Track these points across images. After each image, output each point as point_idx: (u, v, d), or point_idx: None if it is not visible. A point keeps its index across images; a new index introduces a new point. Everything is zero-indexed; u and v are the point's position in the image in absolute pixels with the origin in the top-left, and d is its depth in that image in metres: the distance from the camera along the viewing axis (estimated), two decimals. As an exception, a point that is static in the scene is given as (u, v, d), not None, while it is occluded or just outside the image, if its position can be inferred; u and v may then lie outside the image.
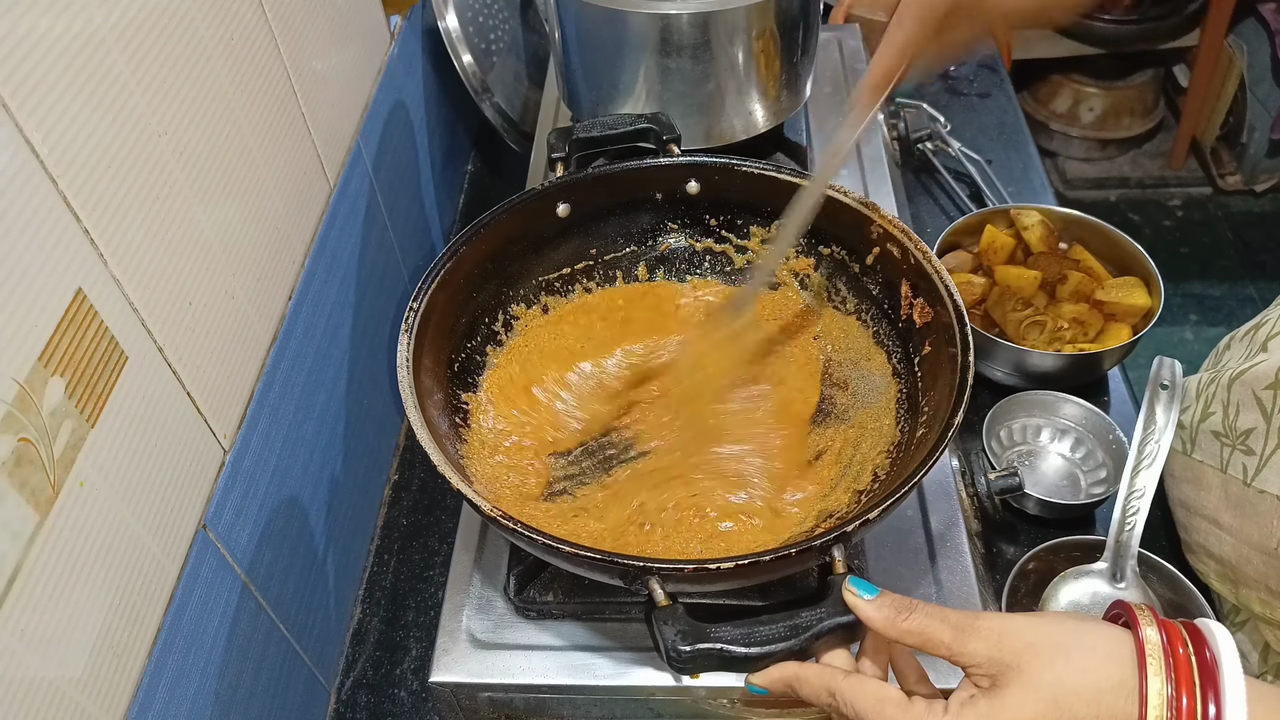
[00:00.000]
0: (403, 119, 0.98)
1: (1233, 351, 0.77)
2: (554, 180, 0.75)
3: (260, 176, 0.66)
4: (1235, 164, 2.52)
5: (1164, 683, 0.41)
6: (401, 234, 0.96)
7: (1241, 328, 0.78)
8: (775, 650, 0.48)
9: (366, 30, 0.89)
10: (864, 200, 0.71)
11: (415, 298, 0.65)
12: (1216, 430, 0.71)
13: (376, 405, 0.88)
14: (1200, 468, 0.73)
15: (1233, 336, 0.79)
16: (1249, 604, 0.69)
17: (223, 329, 0.61)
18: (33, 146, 0.43)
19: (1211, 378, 0.74)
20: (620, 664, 0.63)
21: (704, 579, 0.52)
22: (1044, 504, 0.80)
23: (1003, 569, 0.76)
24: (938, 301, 0.66)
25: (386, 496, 0.91)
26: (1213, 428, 0.72)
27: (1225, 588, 0.72)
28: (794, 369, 0.74)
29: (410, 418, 0.59)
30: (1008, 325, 0.89)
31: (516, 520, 0.53)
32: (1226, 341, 0.80)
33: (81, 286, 0.47)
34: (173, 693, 0.54)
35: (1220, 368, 0.75)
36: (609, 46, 0.85)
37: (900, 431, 0.67)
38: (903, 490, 0.53)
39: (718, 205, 0.78)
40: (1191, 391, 0.76)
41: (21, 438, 0.42)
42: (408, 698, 0.77)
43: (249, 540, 0.63)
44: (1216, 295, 2.30)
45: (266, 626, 0.66)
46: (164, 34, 0.54)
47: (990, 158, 1.15)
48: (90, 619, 0.47)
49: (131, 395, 0.51)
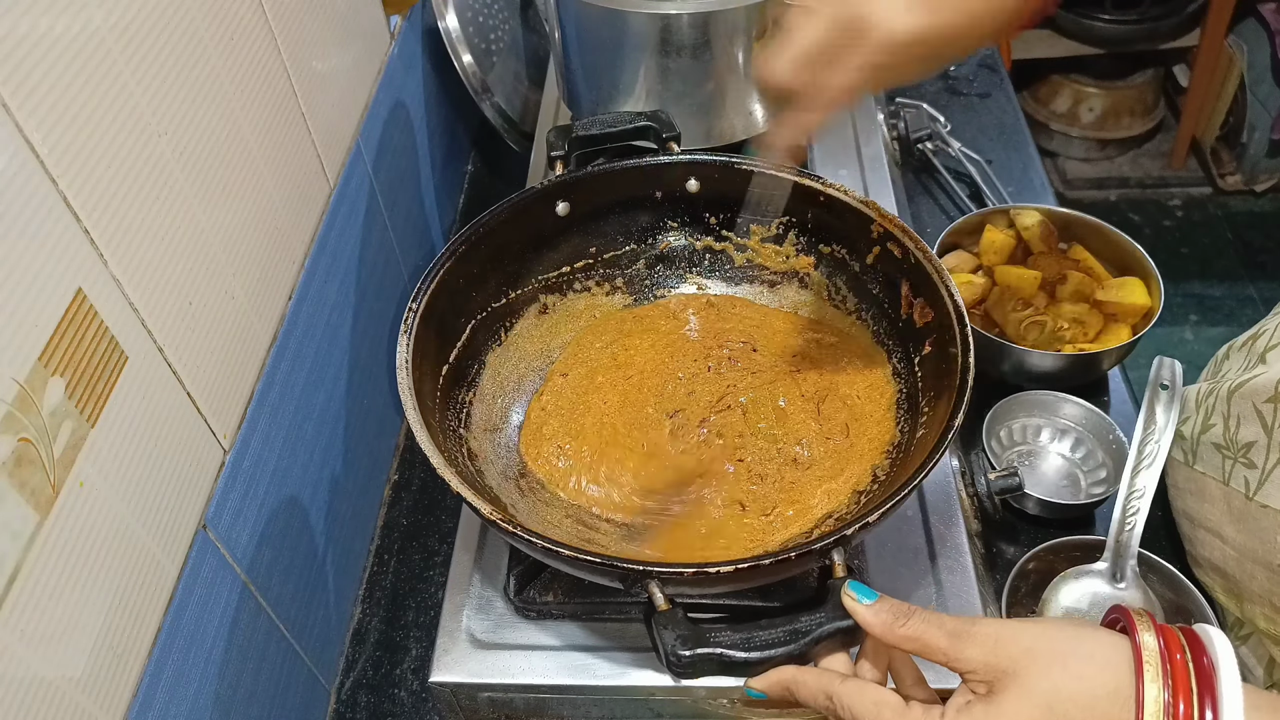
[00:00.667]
0: (403, 119, 0.98)
1: (1231, 361, 0.76)
2: (553, 179, 0.75)
3: (260, 176, 0.66)
4: (1235, 164, 2.52)
5: (1161, 689, 0.41)
6: (401, 234, 0.96)
7: (1239, 337, 0.77)
8: (774, 655, 0.48)
9: (366, 30, 0.89)
10: (864, 200, 0.71)
11: (414, 298, 0.65)
12: (1217, 442, 0.71)
13: (376, 405, 0.88)
14: (1202, 479, 0.72)
15: (1231, 345, 0.78)
16: (1253, 619, 0.69)
17: (223, 329, 0.61)
18: (33, 146, 0.43)
19: (1211, 388, 0.73)
20: (620, 664, 0.63)
21: (703, 582, 0.52)
22: (1044, 504, 0.80)
23: (1003, 569, 0.76)
24: (938, 301, 0.66)
25: (386, 496, 0.91)
26: (1213, 440, 0.71)
27: (1230, 602, 0.71)
28: None
29: (410, 419, 0.59)
30: (1008, 325, 0.89)
31: (516, 524, 0.53)
32: (1225, 351, 0.79)
33: (81, 286, 0.47)
34: (173, 693, 0.54)
35: (1219, 378, 0.74)
36: (609, 46, 0.85)
37: (900, 432, 0.67)
38: (903, 492, 0.53)
39: (717, 203, 0.78)
40: (1191, 402, 0.76)
41: (21, 438, 0.42)
42: (408, 698, 0.77)
43: (249, 540, 0.63)
44: (1216, 295, 2.30)
45: (266, 626, 0.65)
46: (164, 34, 0.54)
47: (990, 158, 1.15)
48: (90, 619, 0.47)
49: (131, 395, 0.51)
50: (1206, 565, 0.73)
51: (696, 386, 0.73)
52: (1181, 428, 0.75)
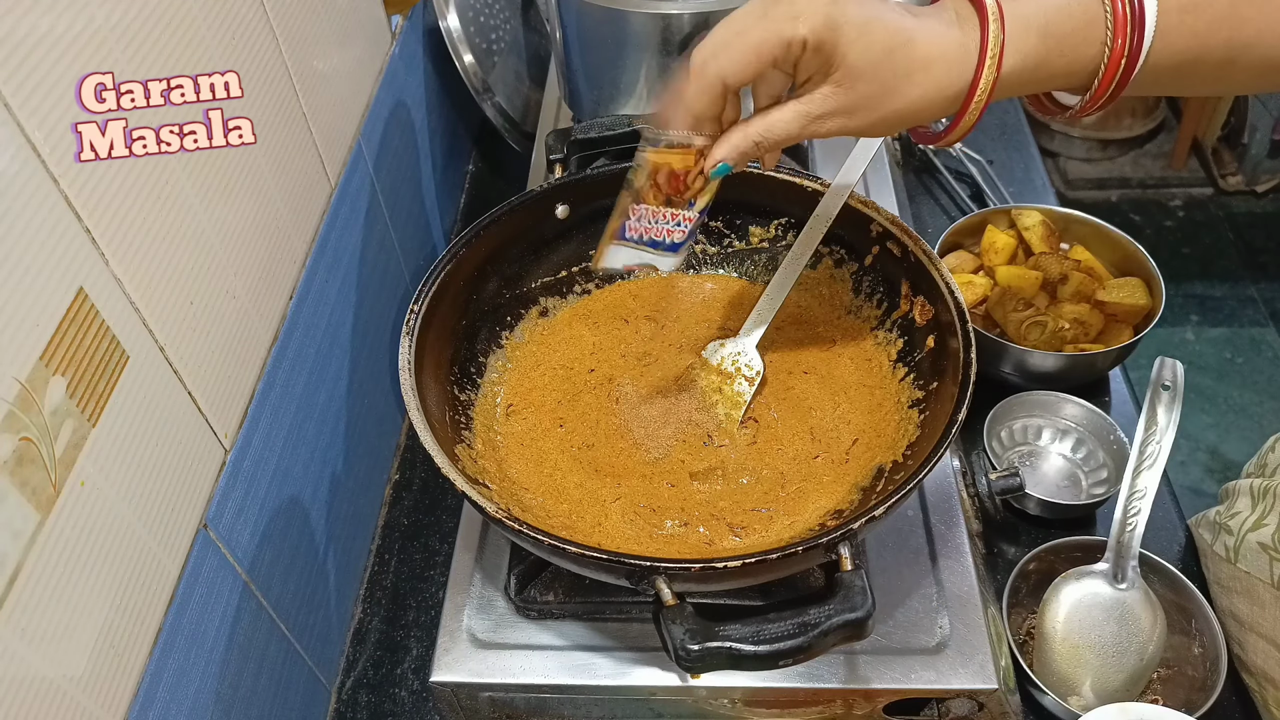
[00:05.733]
0: (404, 119, 0.98)
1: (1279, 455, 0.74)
2: (553, 182, 0.75)
3: (261, 176, 0.66)
4: (1236, 164, 2.52)
5: None
6: (402, 233, 0.96)
7: None
8: (784, 648, 0.49)
9: (368, 30, 0.89)
10: (863, 199, 0.71)
11: (416, 300, 0.65)
12: (1265, 543, 0.68)
13: (377, 405, 0.88)
14: (1250, 580, 0.69)
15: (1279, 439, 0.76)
16: None
17: (224, 328, 0.61)
18: (34, 146, 0.43)
19: (1266, 486, 0.70)
20: (621, 664, 0.63)
21: (711, 578, 0.52)
22: (1045, 504, 0.80)
23: (1004, 569, 0.76)
24: (938, 299, 0.66)
25: (387, 496, 0.91)
26: (1261, 539, 0.69)
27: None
28: None
29: (414, 420, 0.59)
30: (1009, 326, 0.89)
31: (521, 521, 0.53)
32: (1272, 443, 0.77)
33: (83, 286, 0.47)
34: (173, 692, 0.54)
35: (1273, 476, 0.72)
36: (610, 46, 0.85)
37: (903, 428, 0.67)
38: (908, 486, 0.53)
39: (716, 205, 0.78)
40: (1245, 495, 0.73)
41: (23, 437, 0.42)
42: (408, 697, 0.77)
43: (250, 540, 0.63)
44: (1217, 296, 2.30)
45: (267, 626, 0.66)
46: (165, 33, 0.54)
47: (991, 158, 1.15)
48: (91, 618, 0.47)
49: (133, 395, 0.51)
50: (1259, 674, 0.69)
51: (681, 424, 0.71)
52: (1228, 520, 0.73)
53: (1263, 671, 0.69)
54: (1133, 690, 0.68)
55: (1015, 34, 0.49)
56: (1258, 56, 0.50)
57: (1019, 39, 0.49)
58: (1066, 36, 0.49)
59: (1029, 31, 0.49)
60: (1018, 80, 0.50)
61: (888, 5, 0.50)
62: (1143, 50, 0.49)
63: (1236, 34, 0.49)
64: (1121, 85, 0.50)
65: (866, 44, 0.48)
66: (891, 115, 0.51)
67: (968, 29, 0.50)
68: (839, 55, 0.48)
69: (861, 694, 0.62)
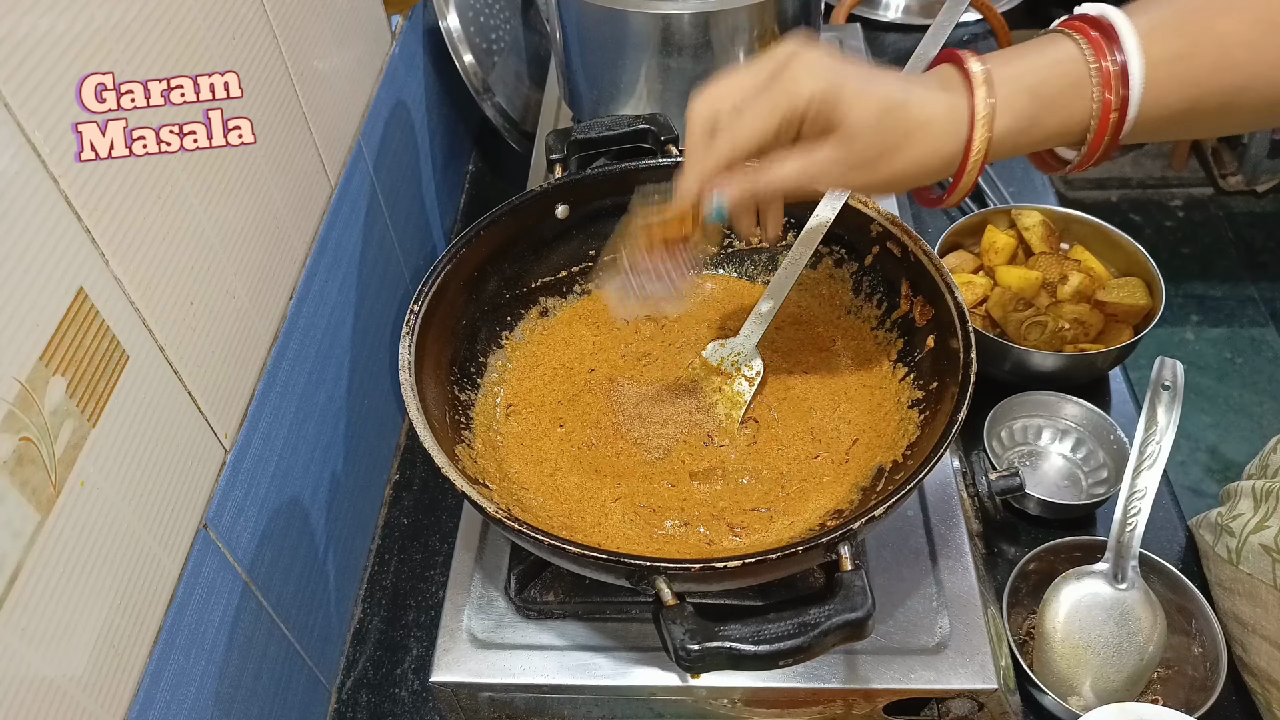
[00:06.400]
0: (404, 119, 0.98)
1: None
2: (553, 182, 0.75)
3: (261, 176, 0.66)
4: (1236, 164, 2.52)
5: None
6: (402, 233, 0.96)
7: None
8: (784, 648, 0.49)
9: (368, 30, 0.89)
10: (863, 199, 0.71)
11: (416, 300, 0.65)
12: (1267, 545, 0.68)
13: (377, 405, 0.88)
14: (1252, 582, 0.69)
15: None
16: None
17: (224, 328, 0.61)
18: (34, 146, 0.43)
19: (1269, 487, 0.70)
20: (621, 664, 0.63)
21: (711, 578, 0.52)
22: (1045, 504, 0.80)
23: (1004, 569, 0.76)
24: (938, 298, 0.66)
25: (387, 496, 0.91)
26: (1263, 541, 0.69)
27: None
28: None
29: (414, 421, 0.59)
30: (1009, 326, 0.89)
31: (521, 521, 0.53)
32: (1274, 444, 0.76)
33: (83, 286, 0.47)
34: (173, 692, 0.54)
35: (1274, 477, 0.72)
36: (610, 46, 0.85)
37: (903, 428, 0.67)
38: (908, 486, 0.53)
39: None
40: (1247, 498, 0.73)
41: (23, 437, 0.42)
42: (408, 697, 0.77)
43: (250, 540, 0.63)
44: (1217, 296, 2.30)
45: (267, 626, 0.66)
46: (165, 33, 0.54)
47: (991, 158, 1.15)
48: (91, 618, 0.48)
49: (132, 395, 0.51)
50: (1262, 676, 0.69)
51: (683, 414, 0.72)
52: (1230, 522, 0.73)
53: (1266, 673, 0.69)
54: (1133, 690, 0.68)
55: (1006, 96, 0.50)
56: (1256, 98, 0.50)
57: (1011, 99, 0.50)
58: (1056, 96, 0.51)
59: (1020, 93, 0.50)
60: (1012, 140, 0.51)
61: (883, 73, 0.52)
62: (1131, 104, 0.49)
63: (1231, 78, 0.49)
64: (1114, 139, 0.51)
65: (864, 105, 0.49)
66: (889, 176, 0.52)
67: (955, 93, 0.51)
68: (839, 115, 0.50)
69: (861, 694, 0.62)
